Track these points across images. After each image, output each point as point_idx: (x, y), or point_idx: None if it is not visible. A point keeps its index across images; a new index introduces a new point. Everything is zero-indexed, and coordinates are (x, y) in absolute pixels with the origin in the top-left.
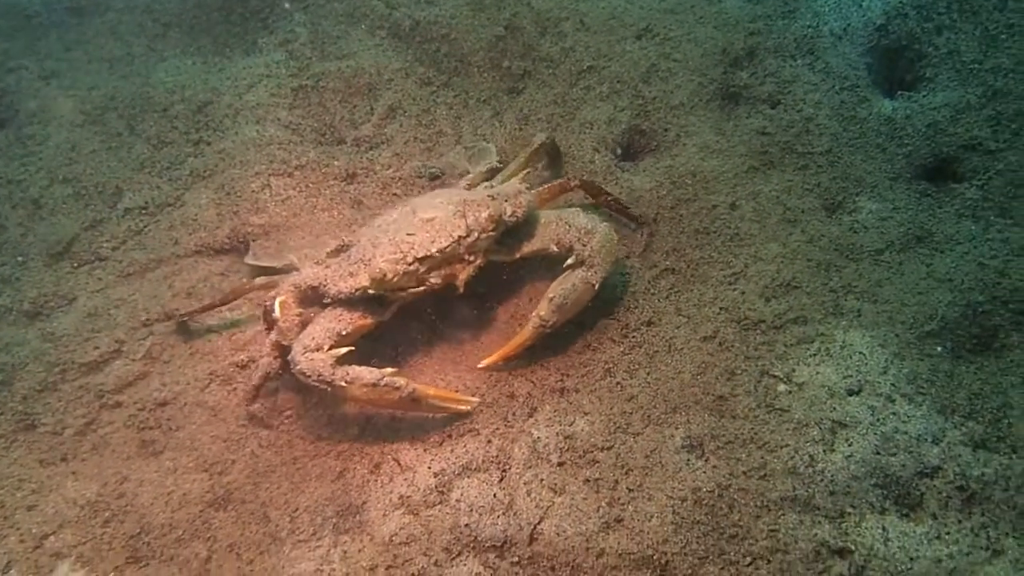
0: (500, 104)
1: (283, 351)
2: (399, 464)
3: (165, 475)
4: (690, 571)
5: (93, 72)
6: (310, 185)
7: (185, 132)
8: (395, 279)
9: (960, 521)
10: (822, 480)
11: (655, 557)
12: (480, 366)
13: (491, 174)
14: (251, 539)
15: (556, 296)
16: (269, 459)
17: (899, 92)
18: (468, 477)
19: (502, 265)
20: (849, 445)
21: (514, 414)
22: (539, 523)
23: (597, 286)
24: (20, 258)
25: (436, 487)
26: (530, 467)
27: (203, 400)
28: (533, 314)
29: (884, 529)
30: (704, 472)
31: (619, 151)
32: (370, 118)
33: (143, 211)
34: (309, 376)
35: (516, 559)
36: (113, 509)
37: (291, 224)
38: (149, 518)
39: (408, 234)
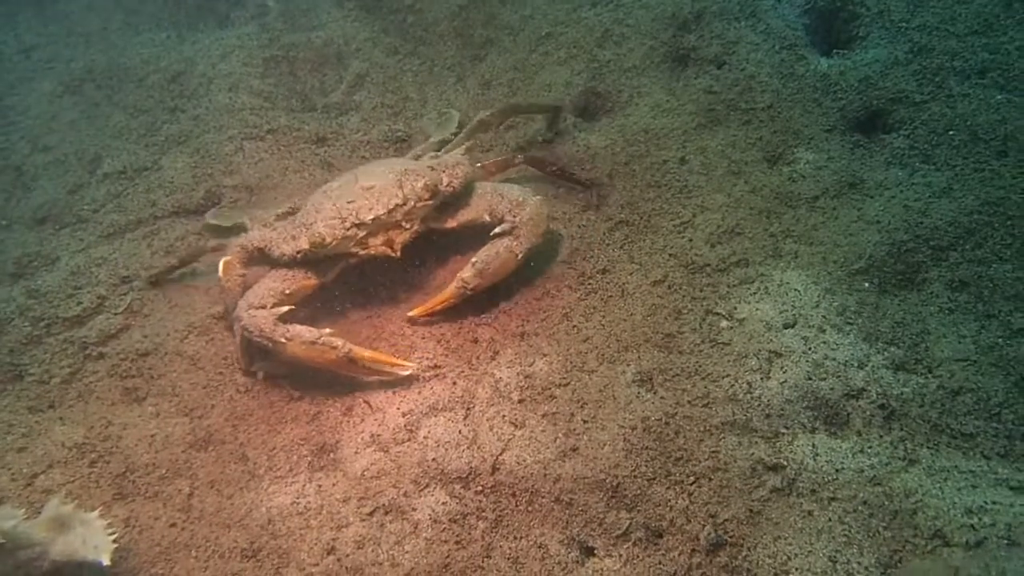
0: (463, 70)
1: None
2: (370, 406)
3: (148, 419)
4: (639, 491)
5: (71, 46)
6: (282, 148)
7: (160, 100)
8: (333, 243)
9: (881, 436)
10: (759, 405)
11: (607, 480)
12: (407, 316)
13: (441, 145)
14: (231, 476)
15: (479, 261)
16: (246, 403)
17: (834, 51)
18: (435, 416)
19: (443, 232)
20: (784, 372)
21: (478, 358)
22: (501, 455)
23: (521, 256)
24: (4, 221)
25: (405, 426)
26: (492, 405)
27: (182, 350)
28: (458, 276)
29: (814, 446)
30: (653, 403)
31: (576, 112)
32: (339, 86)
33: (122, 175)
34: (252, 332)
35: (480, 488)
36: (99, 451)
37: (264, 185)
38: (133, 459)
39: (348, 201)
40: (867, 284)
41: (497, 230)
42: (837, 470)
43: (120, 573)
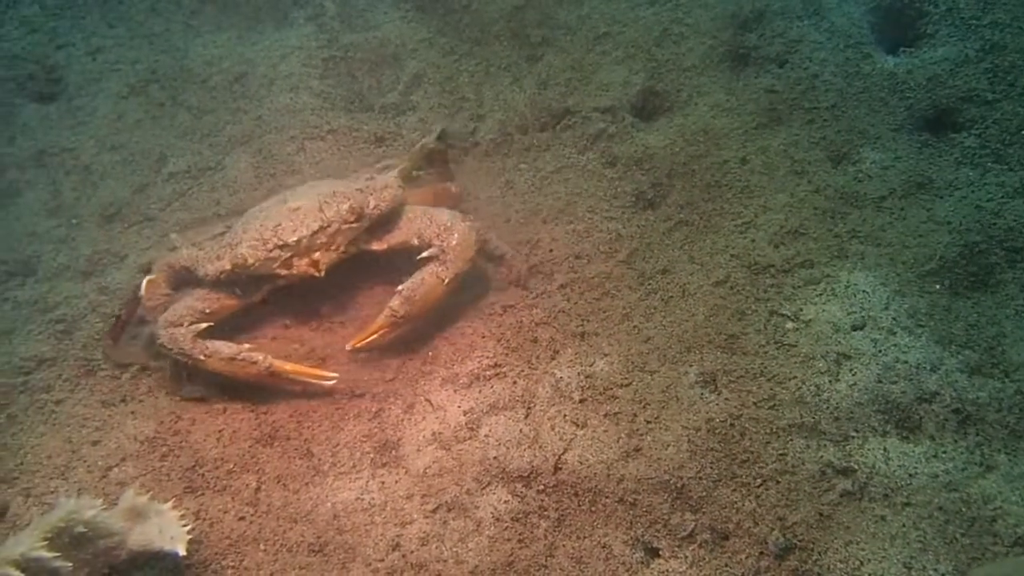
0: (519, 71)
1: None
2: (431, 404)
3: (215, 415)
4: (704, 493)
5: (135, 47)
6: (342, 148)
7: (223, 101)
8: (256, 264)
9: (956, 441)
10: (827, 408)
11: (672, 481)
12: (348, 348)
13: (385, 168)
14: (296, 471)
15: (405, 289)
16: (309, 400)
17: (901, 49)
18: (495, 415)
19: (373, 253)
20: (853, 375)
21: (537, 357)
22: (563, 454)
23: (447, 281)
24: (75, 220)
25: (466, 424)
26: (553, 404)
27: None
28: (387, 305)
29: (885, 450)
30: (717, 404)
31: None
32: (396, 86)
33: (186, 175)
34: (171, 349)
35: (542, 487)
36: (169, 444)
37: None
38: (202, 453)
39: (274, 223)
40: (938, 286)
41: (424, 255)
42: (910, 475)
43: (192, 564)
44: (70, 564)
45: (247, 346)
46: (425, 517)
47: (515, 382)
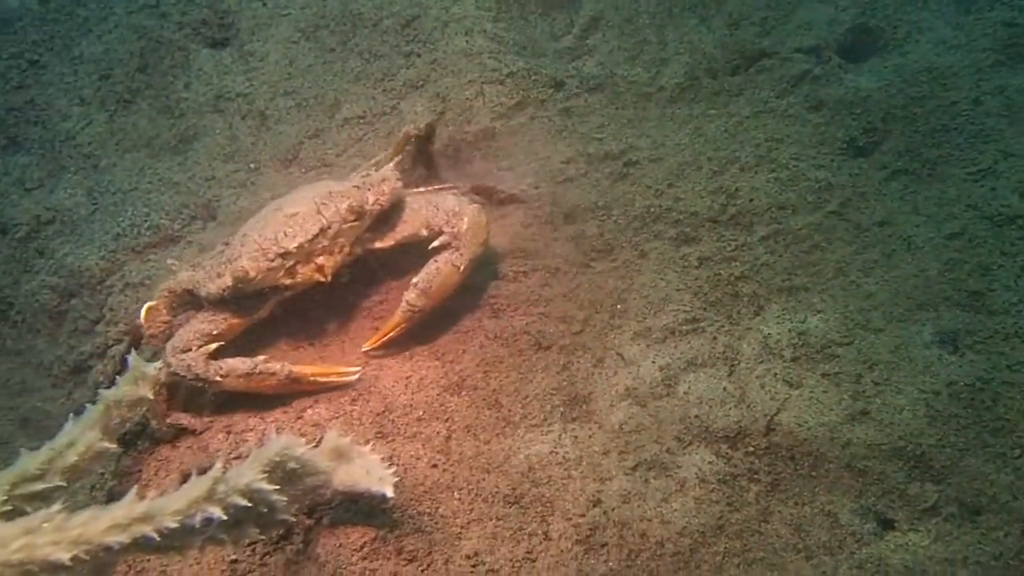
0: (707, 10)
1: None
2: (623, 358)
3: (402, 362)
4: (948, 463)
5: None
6: (521, 92)
7: (395, 46)
8: (258, 276)
9: None
10: None
11: (908, 449)
12: (363, 350)
13: (378, 164)
14: (485, 422)
15: (421, 281)
16: (496, 351)
17: None
18: (695, 371)
19: (380, 252)
20: None
21: (739, 312)
22: (775, 415)
23: (463, 268)
24: (253, 165)
25: (662, 380)
26: (761, 362)
27: None
28: (403, 299)
29: None
30: (960, 367)
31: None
32: (571, 30)
33: (361, 120)
34: (184, 376)
35: (751, 449)
36: (359, 389)
37: (503, 130)
38: (391, 399)
39: (272, 231)
40: None
41: (436, 243)
42: None
43: (386, 510)
44: (285, 499)
45: (262, 357)
46: (625, 474)
47: (715, 338)
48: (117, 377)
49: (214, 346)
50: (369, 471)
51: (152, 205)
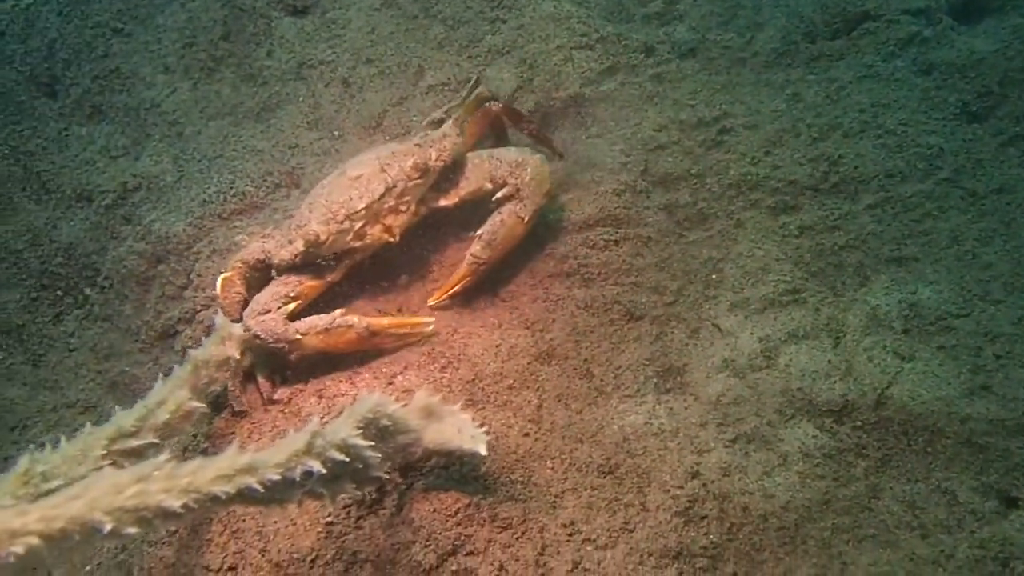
0: None
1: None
2: (719, 329)
3: (491, 330)
4: None
5: None
6: (611, 57)
7: (480, 11)
8: (329, 239)
9: None
10: None
11: None
12: (429, 304)
13: (438, 124)
14: (577, 392)
15: (485, 233)
16: (587, 320)
17: None
18: (796, 343)
19: (445, 210)
20: None
21: (843, 283)
22: (886, 388)
23: (527, 219)
24: (336, 132)
25: (762, 352)
26: (869, 334)
27: (518, 261)
28: (467, 252)
29: None
30: None
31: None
32: None
33: (445, 87)
34: (265, 338)
35: (859, 423)
36: (448, 357)
37: (592, 96)
38: (481, 367)
39: (339, 195)
40: None
41: (499, 195)
42: None
43: (479, 476)
44: (379, 455)
45: (339, 311)
46: (724, 447)
47: (818, 309)
48: (204, 339)
49: (292, 306)
50: (461, 429)
51: (237, 172)
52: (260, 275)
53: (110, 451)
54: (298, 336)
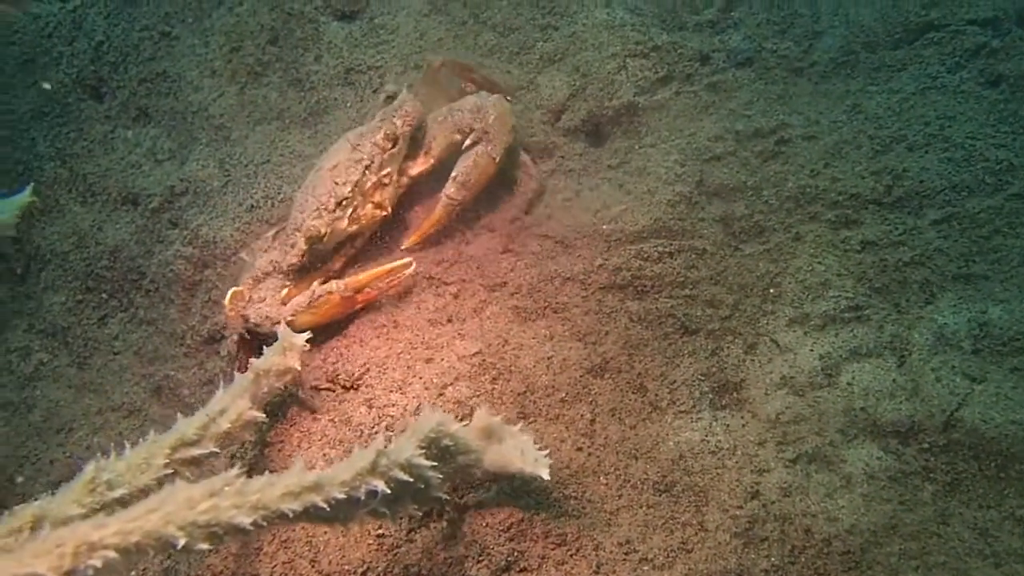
0: None
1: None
2: (777, 345)
3: (542, 342)
4: None
5: None
6: (665, 66)
7: (531, 18)
8: (328, 230)
9: None
10: None
11: None
12: (403, 248)
13: (390, 100)
14: (631, 406)
15: (459, 174)
16: (640, 333)
17: None
18: (859, 361)
19: (426, 174)
20: None
21: (908, 300)
22: (956, 411)
23: (498, 158)
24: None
25: (822, 369)
26: (936, 353)
27: (573, 273)
28: (442, 194)
29: None
30: None
31: None
32: (713, 2)
33: None
34: (260, 324)
35: (926, 446)
36: (499, 368)
37: (646, 105)
38: (532, 379)
39: (323, 189)
40: None
41: (468, 141)
42: None
43: (532, 491)
44: (440, 476)
45: (315, 283)
46: (784, 466)
47: (882, 326)
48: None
49: (285, 291)
50: (523, 452)
51: (284, 177)
52: None
53: (171, 460)
54: (291, 317)
